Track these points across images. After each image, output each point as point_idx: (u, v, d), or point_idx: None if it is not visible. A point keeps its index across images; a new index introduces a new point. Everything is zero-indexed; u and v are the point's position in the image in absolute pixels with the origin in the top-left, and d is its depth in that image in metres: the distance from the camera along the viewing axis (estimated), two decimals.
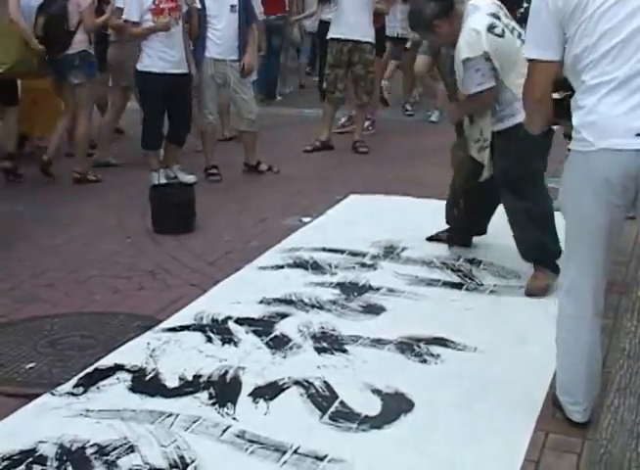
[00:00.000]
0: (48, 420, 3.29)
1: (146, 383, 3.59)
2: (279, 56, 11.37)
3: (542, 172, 4.76)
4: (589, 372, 3.15)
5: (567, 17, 2.87)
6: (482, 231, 5.31)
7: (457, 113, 5.02)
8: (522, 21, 7.51)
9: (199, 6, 6.87)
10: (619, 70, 2.81)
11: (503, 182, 4.75)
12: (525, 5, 9.01)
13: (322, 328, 4.14)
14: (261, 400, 3.44)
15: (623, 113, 2.80)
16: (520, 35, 4.63)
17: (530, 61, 3.03)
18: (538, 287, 4.59)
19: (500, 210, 4.96)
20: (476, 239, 5.36)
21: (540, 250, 4.64)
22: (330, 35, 8.24)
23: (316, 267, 4.98)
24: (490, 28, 4.55)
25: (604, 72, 2.83)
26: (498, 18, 4.64)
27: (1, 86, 7.00)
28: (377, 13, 8.43)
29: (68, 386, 3.55)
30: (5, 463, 2.98)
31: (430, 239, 5.46)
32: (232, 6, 6.99)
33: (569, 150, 3.02)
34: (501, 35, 4.58)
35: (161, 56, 6.54)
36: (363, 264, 5.04)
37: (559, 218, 3.19)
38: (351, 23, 7.97)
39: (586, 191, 2.93)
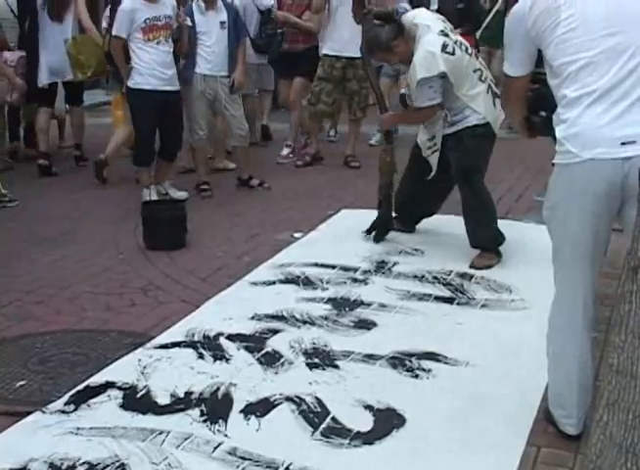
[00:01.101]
0: (39, 438, 3.28)
1: (137, 400, 3.58)
2: None
3: (484, 174, 5.45)
4: (580, 385, 3.16)
5: (539, 35, 3.00)
6: (424, 214, 5.94)
7: (391, 121, 5.77)
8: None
9: (189, 24, 6.90)
10: (599, 81, 2.86)
11: (461, 175, 5.35)
12: None
13: (314, 344, 4.13)
14: (253, 417, 3.43)
15: (607, 123, 2.83)
16: (467, 49, 5.28)
17: (507, 76, 3.26)
18: (483, 264, 5.24)
19: None
20: (467, 253, 5.39)
21: (491, 238, 5.35)
22: (323, 51, 8.20)
23: (307, 283, 4.98)
24: (444, 48, 5.09)
25: (584, 85, 2.88)
26: (447, 35, 5.18)
27: (69, 88, 8.07)
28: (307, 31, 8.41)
29: (58, 404, 3.54)
30: None
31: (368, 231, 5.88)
32: (222, 22, 7.03)
33: (553, 164, 3.04)
34: (452, 53, 5.12)
35: (153, 73, 6.55)
36: (355, 279, 5.04)
37: (543, 233, 3.22)
38: (345, 38, 7.89)
39: (572, 203, 2.95)
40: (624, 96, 2.84)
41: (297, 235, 6.00)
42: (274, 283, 5.00)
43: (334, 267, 5.23)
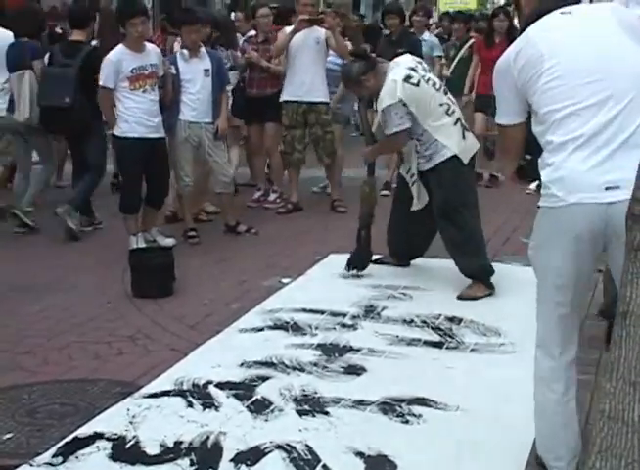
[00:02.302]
0: None
1: (126, 451, 3.55)
2: None
3: (475, 203, 5.65)
4: (566, 430, 3.15)
5: (524, 85, 3.07)
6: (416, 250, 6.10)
7: (372, 153, 6.00)
8: None
9: (174, 72, 6.95)
10: (583, 128, 2.90)
11: (442, 213, 5.58)
12: None
13: (303, 390, 4.12)
14: (243, 466, 3.41)
15: (591, 168, 2.87)
16: (434, 84, 5.58)
17: (500, 125, 3.32)
18: (470, 295, 5.46)
19: None
20: (455, 298, 5.45)
21: (479, 270, 5.54)
22: (284, 97, 8.12)
23: (296, 329, 4.97)
24: (407, 79, 5.42)
25: (569, 131, 2.92)
26: (415, 70, 5.51)
27: None
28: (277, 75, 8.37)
29: (46, 456, 3.50)
30: None
31: (373, 262, 6.14)
32: (205, 70, 7.08)
33: (538, 207, 3.09)
34: (417, 85, 5.43)
35: (139, 121, 6.58)
36: (344, 325, 5.03)
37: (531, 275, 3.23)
38: (305, 83, 7.92)
39: (556, 243, 2.99)
40: (608, 142, 2.88)
41: (285, 281, 5.99)
42: (263, 329, 4.99)
43: (323, 313, 5.22)
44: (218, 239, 7.33)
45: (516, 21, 8.75)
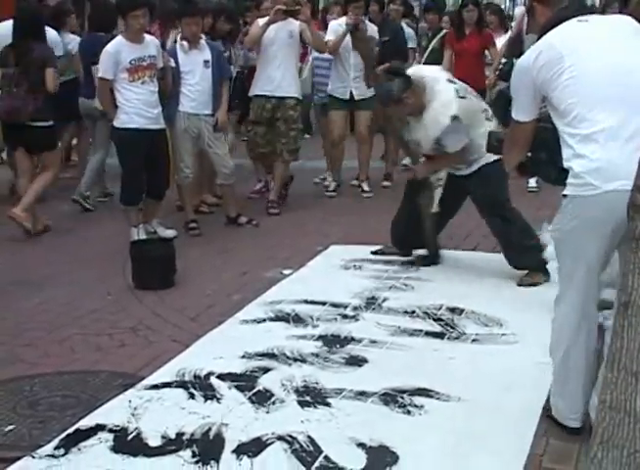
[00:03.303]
0: None
1: (128, 442, 3.55)
2: None
3: (510, 200, 5.79)
4: (587, 377, 3.49)
5: (545, 82, 3.33)
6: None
7: (426, 170, 5.90)
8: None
9: (173, 64, 6.94)
10: (608, 120, 3.18)
11: (492, 211, 5.73)
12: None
13: (305, 381, 4.12)
14: (245, 457, 3.40)
15: (626, 157, 3.04)
16: (471, 92, 5.71)
17: (516, 122, 3.56)
18: (529, 282, 5.55)
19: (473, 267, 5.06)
20: (457, 287, 5.44)
21: (533, 258, 5.59)
22: (253, 92, 7.87)
23: (298, 320, 4.97)
24: (457, 93, 5.51)
25: (595, 122, 3.18)
26: (453, 82, 5.63)
27: None
28: None
29: (48, 448, 3.50)
30: None
31: (374, 253, 6.28)
32: (205, 61, 7.06)
33: (564, 195, 3.29)
34: (464, 97, 5.55)
35: (139, 112, 6.56)
36: (345, 316, 5.03)
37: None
38: (276, 78, 7.70)
39: (590, 230, 3.22)
40: (635, 134, 3.12)
41: (286, 272, 5.99)
42: (264, 321, 4.98)
43: (324, 304, 5.22)
44: (219, 230, 7.33)
45: (524, 28, 8.55)
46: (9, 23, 7.33)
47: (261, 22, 7.72)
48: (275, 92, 7.75)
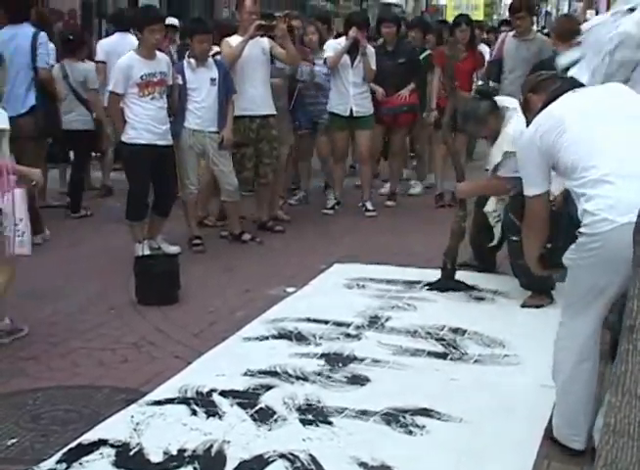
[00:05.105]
0: None
1: (130, 458, 3.56)
2: None
3: None
4: (589, 406, 3.55)
5: (549, 147, 3.49)
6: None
7: (471, 191, 6.21)
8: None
9: (180, 82, 6.98)
10: (613, 162, 3.32)
11: (508, 230, 5.69)
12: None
13: (307, 400, 4.12)
14: None
15: (635, 193, 3.20)
16: None
17: (527, 197, 3.69)
18: (532, 304, 5.56)
19: None
20: (460, 308, 5.48)
21: (542, 280, 5.39)
22: (236, 113, 7.49)
23: (300, 338, 4.98)
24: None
25: (601, 167, 3.32)
26: None
27: None
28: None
29: (50, 462, 3.51)
30: None
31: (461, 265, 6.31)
32: (212, 79, 7.09)
33: (579, 233, 3.37)
34: None
35: (147, 128, 6.60)
36: (348, 335, 5.04)
37: None
38: (255, 97, 7.55)
39: (605, 266, 3.29)
40: (637, 172, 3.28)
41: (289, 290, 6.00)
42: (267, 338, 4.99)
43: (327, 322, 5.23)
44: (223, 247, 7.34)
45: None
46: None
47: (232, 40, 7.53)
48: (258, 111, 7.60)
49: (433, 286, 6.03)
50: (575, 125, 3.44)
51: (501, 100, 6.03)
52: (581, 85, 3.77)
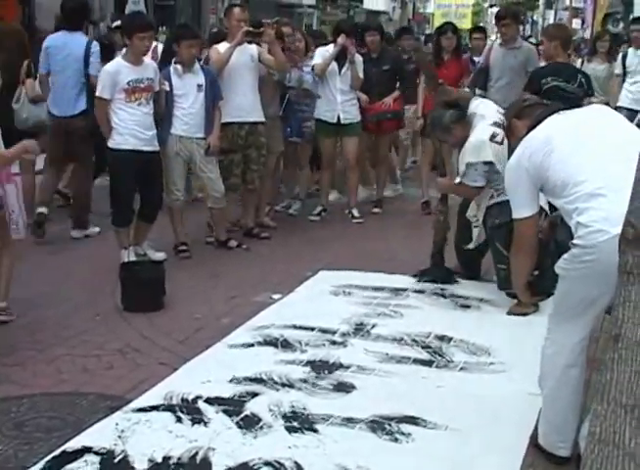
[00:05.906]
0: None
1: (114, 465, 3.54)
2: None
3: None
4: (575, 414, 3.59)
5: (537, 169, 3.55)
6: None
7: (446, 189, 6.40)
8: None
9: (167, 88, 6.96)
10: (602, 178, 3.37)
11: (495, 237, 5.78)
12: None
13: (293, 407, 4.12)
14: None
15: (625, 206, 3.09)
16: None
17: (516, 221, 3.75)
18: (518, 312, 5.54)
19: None
20: (446, 315, 5.46)
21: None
22: (224, 119, 7.45)
23: (286, 345, 4.97)
24: (492, 137, 5.69)
25: (592, 182, 3.37)
26: (500, 126, 5.62)
27: None
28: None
29: None
30: None
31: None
32: (199, 85, 7.07)
33: (573, 244, 3.39)
34: (501, 143, 5.61)
35: (133, 133, 6.58)
36: (333, 342, 5.03)
37: None
38: (244, 104, 7.54)
39: (597, 277, 3.29)
40: (626, 185, 3.19)
41: (275, 296, 5.99)
42: (253, 345, 4.98)
43: (312, 329, 5.23)
44: (209, 254, 7.33)
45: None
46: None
47: (220, 47, 7.55)
48: (247, 117, 7.60)
49: (422, 275, 6.30)
50: (563, 145, 3.51)
51: (474, 106, 6.04)
52: (565, 109, 3.82)
